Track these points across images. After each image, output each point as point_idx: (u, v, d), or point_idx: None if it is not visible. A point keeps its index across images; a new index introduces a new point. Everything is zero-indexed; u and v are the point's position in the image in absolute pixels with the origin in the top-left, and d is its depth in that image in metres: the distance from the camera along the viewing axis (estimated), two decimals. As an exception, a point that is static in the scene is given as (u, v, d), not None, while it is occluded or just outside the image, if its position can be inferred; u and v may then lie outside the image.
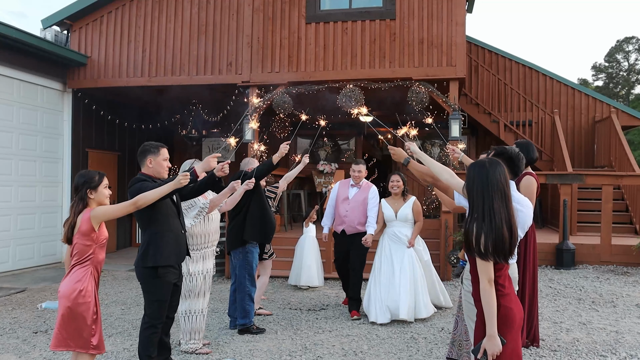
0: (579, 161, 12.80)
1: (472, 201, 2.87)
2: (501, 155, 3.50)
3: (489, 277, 2.75)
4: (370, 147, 15.22)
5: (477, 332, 2.90)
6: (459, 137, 8.71)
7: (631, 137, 26.93)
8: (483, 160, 2.98)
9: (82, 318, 3.51)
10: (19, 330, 5.83)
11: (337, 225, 6.51)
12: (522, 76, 13.40)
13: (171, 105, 11.23)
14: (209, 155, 4.28)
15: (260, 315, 6.29)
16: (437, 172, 3.55)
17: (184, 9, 9.89)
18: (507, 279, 2.91)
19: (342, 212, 6.43)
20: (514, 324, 2.83)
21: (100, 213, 3.58)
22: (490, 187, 2.81)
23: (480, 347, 2.76)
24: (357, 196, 6.44)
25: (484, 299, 2.76)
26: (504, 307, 2.79)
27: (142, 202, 3.68)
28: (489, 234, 2.72)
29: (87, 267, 3.57)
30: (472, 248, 2.78)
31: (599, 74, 39.47)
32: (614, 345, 5.08)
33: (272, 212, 6.05)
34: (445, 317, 6.20)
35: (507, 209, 2.81)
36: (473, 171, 2.92)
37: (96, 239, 3.60)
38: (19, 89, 9.43)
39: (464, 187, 2.98)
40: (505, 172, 2.91)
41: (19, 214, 9.41)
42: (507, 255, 2.77)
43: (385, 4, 9.14)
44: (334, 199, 6.59)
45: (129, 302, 7.16)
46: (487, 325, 2.74)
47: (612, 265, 8.90)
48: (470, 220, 2.84)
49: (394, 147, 4.17)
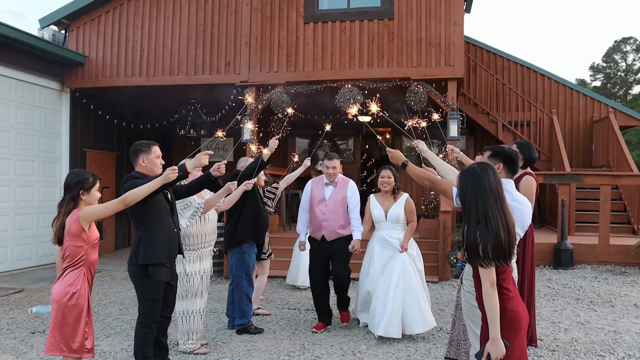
0: (577, 161, 12.81)
1: (466, 209, 2.85)
2: (499, 155, 3.47)
3: (491, 281, 2.73)
4: (369, 146, 15.23)
5: (482, 336, 2.87)
6: (458, 137, 8.71)
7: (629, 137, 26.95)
8: (472, 166, 2.95)
9: (75, 321, 3.48)
10: (16, 330, 5.81)
11: (314, 231, 5.71)
12: (520, 76, 13.42)
13: (169, 105, 11.23)
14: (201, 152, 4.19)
15: (259, 315, 6.29)
16: (443, 172, 3.53)
17: (182, 9, 9.88)
18: (512, 282, 2.90)
19: (319, 215, 5.64)
20: (520, 327, 2.81)
21: (89, 213, 3.52)
22: (483, 192, 2.79)
23: (484, 351, 2.74)
24: (334, 196, 5.68)
25: (487, 302, 2.74)
26: (510, 311, 2.77)
27: (131, 198, 3.61)
28: (488, 239, 2.70)
29: (79, 269, 3.54)
30: (472, 255, 2.76)
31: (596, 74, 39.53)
32: (612, 345, 5.08)
33: (266, 212, 6.01)
34: (444, 317, 6.19)
35: (503, 210, 2.79)
36: (464, 179, 2.89)
37: (87, 240, 3.55)
38: (16, 88, 9.41)
39: (457, 195, 2.96)
40: (497, 174, 2.89)
41: (17, 214, 9.39)
42: (507, 258, 2.76)
43: (383, 3, 9.14)
44: (307, 201, 5.79)
45: (127, 302, 7.15)
46: (490, 328, 2.72)
47: (610, 265, 8.92)
48: (467, 228, 2.81)
49: (392, 149, 4.09)
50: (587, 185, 10.71)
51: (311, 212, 5.75)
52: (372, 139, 15.05)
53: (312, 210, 5.73)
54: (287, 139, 13.56)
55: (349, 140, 14.20)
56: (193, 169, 4.06)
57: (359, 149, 14.06)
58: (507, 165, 3.43)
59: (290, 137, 13.68)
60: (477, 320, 3.31)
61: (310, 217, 5.77)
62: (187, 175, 4.07)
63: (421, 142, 4.00)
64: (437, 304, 6.86)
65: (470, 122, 12.31)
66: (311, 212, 5.75)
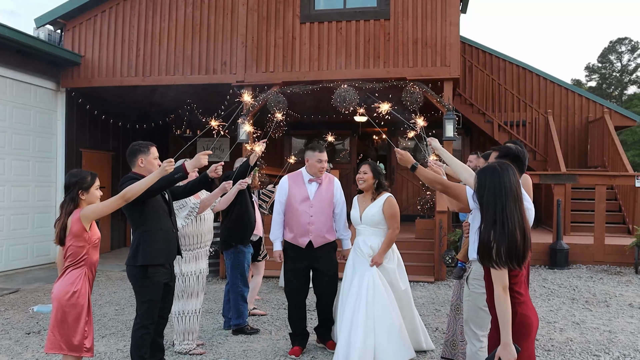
0: (573, 161, 12.85)
1: (484, 208, 2.76)
2: (507, 156, 3.35)
3: (504, 285, 2.66)
4: (365, 147, 15.24)
5: (490, 340, 2.83)
6: (454, 137, 8.73)
7: (624, 137, 27.08)
8: (493, 164, 2.86)
9: (75, 320, 3.50)
10: (11, 331, 5.79)
11: (299, 236, 4.84)
12: (516, 76, 13.45)
13: (165, 104, 11.21)
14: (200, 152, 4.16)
15: (255, 316, 6.28)
16: (458, 171, 3.47)
17: (178, 9, 9.87)
18: (524, 286, 2.83)
19: (303, 217, 4.83)
20: (531, 332, 2.75)
21: (90, 212, 3.53)
22: (503, 192, 2.70)
23: (495, 356, 2.67)
24: (321, 194, 4.91)
25: (499, 307, 2.66)
26: (521, 315, 2.70)
27: (131, 194, 3.59)
28: (502, 240, 2.63)
29: (81, 269, 3.56)
30: (485, 256, 2.68)
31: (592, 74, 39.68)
32: (607, 345, 5.10)
33: (254, 214, 5.85)
34: (440, 317, 6.20)
35: (520, 211, 2.71)
36: (484, 177, 2.80)
37: (89, 240, 3.56)
38: (12, 88, 9.38)
39: (474, 194, 2.87)
40: (517, 174, 2.81)
41: (12, 214, 9.36)
42: (520, 261, 2.67)
43: (379, 3, 9.15)
44: (284, 202, 4.93)
45: (123, 302, 7.14)
46: (502, 333, 2.64)
47: (605, 265, 8.95)
48: (483, 227, 2.72)
49: (401, 150, 3.84)
50: (583, 185, 10.74)
51: (291, 215, 4.89)
52: (368, 139, 15.07)
53: (292, 212, 4.88)
54: (282, 139, 13.55)
55: (345, 140, 14.20)
56: (192, 170, 4.06)
57: (355, 149, 14.07)
58: (515, 165, 3.34)
59: (286, 137, 13.67)
60: (480, 322, 3.29)
61: (288, 221, 4.91)
62: (187, 176, 4.06)
63: (435, 139, 3.88)
64: (433, 304, 6.87)
65: (466, 123, 12.32)
66: (291, 214, 4.89)
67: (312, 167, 4.91)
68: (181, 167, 3.95)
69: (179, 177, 3.91)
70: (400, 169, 13.47)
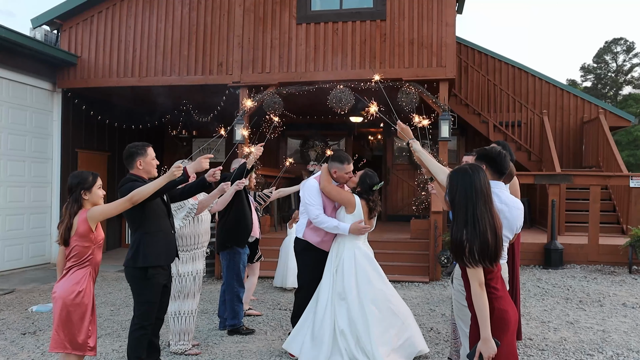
0: (567, 161, 12.90)
1: (455, 209, 2.85)
2: (484, 158, 3.41)
3: (480, 281, 2.75)
4: (360, 147, 15.27)
5: (471, 336, 2.90)
6: (449, 137, 8.76)
7: (619, 138, 27.20)
8: (464, 166, 2.95)
9: (80, 320, 3.54)
10: (7, 331, 5.79)
11: (326, 242, 4.84)
12: (511, 77, 13.50)
13: (161, 105, 11.22)
14: (201, 155, 4.18)
15: (250, 316, 6.30)
16: (434, 172, 3.53)
17: (175, 9, 9.88)
18: (500, 281, 2.91)
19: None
20: (509, 326, 2.83)
21: (97, 213, 3.59)
22: (473, 193, 2.79)
23: (476, 351, 2.76)
24: None
25: (476, 303, 2.76)
26: (498, 310, 2.79)
27: (138, 197, 3.66)
28: (474, 240, 2.72)
29: (86, 269, 3.60)
30: (459, 255, 2.78)
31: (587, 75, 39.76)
32: (601, 344, 5.14)
33: (251, 216, 5.89)
34: (434, 317, 6.23)
35: (491, 213, 2.81)
36: (455, 178, 2.89)
37: (94, 240, 3.61)
38: (7, 88, 9.37)
39: (446, 195, 2.95)
40: (486, 176, 2.90)
41: (8, 215, 9.35)
42: (492, 260, 2.77)
43: (375, 4, 9.18)
44: (321, 204, 4.80)
45: (118, 303, 7.14)
46: (481, 328, 2.74)
47: (599, 264, 9.00)
48: (455, 228, 2.82)
49: (402, 123, 3.83)
50: (577, 185, 10.79)
51: None
52: (363, 139, 15.09)
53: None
54: (278, 140, 13.56)
55: (340, 141, 14.22)
56: (193, 173, 4.09)
57: (350, 149, 14.09)
58: (490, 166, 3.36)
59: (282, 137, 13.69)
60: (467, 320, 3.34)
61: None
62: (188, 179, 4.09)
63: (416, 141, 3.91)
64: (428, 303, 6.90)
65: (462, 123, 12.36)
66: None
67: (341, 178, 4.87)
68: (184, 170, 3.98)
69: (180, 180, 3.94)
70: (396, 170, 13.52)
